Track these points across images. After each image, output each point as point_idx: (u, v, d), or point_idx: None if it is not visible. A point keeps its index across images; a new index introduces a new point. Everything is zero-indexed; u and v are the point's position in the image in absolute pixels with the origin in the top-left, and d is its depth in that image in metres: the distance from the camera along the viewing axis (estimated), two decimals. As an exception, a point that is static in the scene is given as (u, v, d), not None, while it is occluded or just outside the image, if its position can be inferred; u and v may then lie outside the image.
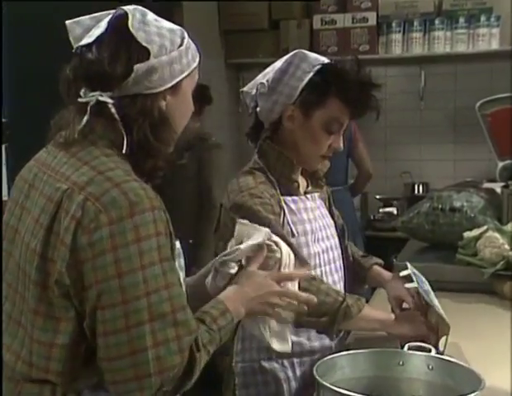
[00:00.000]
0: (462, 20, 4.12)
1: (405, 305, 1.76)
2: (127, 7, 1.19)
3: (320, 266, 1.73)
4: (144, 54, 1.15)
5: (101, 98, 1.13)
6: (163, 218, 1.11)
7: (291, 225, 1.68)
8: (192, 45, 1.26)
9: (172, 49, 1.19)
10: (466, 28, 4.12)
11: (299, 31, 4.34)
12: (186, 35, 1.24)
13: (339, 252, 1.83)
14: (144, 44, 1.15)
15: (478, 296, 2.15)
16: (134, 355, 1.05)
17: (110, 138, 1.16)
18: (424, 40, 4.21)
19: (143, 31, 1.16)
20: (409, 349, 1.39)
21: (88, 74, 1.15)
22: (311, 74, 1.66)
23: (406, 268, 1.76)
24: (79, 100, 1.15)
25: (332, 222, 1.85)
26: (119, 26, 1.17)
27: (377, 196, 4.47)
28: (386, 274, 1.90)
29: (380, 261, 1.97)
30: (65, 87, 1.18)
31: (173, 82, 1.19)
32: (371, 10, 4.27)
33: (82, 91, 1.15)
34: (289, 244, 1.40)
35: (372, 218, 4.38)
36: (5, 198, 2.25)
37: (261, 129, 1.76)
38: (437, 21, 4.16)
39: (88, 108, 1.14)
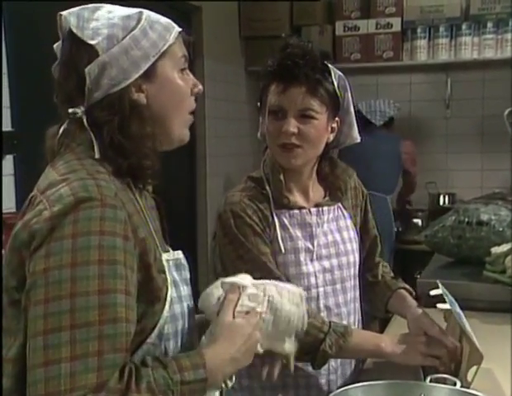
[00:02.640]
0: (490, 24, 4.03)
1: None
2: (69, 11, 1.09)
3: (317, 286, 1.61)
4: (92, 52, 1.05)
5: (74, 112, 1.06)
6: (118, 218, 0.99)
7: (280, 241, 1.58)
8: (160, 23, 1.11)
9: (124, 36, 1.06)
10: (495, 33, 4.03)
11: (321, 38, 4.27)
12: (144, 15, 1.10)
13: (353, 270, 1.71)
14: (89, 41, 1.05)
15: (507, 316, 2.03)
16: (46, 367, 0.91)
17: (86, 144, 1.08)
18: (451, 45, 4.13)
19: (89, 29, 1.06)
20: (431, 380, 1.28)
21: (59, 94, 1.09)
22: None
23: (434, 286, 1.64)
24: (62, 126, 1.10)
25: (353, 236, 1.72)
26: (67, 33, 1.08)
27: (401, 207, 4.35)
28: (411, 301, 1.75)
29: (409, 288, 1.82)
30: (60, 110, 1.12)
31: (141, 71, 1.07)
32: (395, 15, 4.19)
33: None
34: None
35: (396, 230, 4.26)
36: (11, 210, 2.18)
37: None
38: (464, 26, 4.07)
39: (65, 126, 1.09)
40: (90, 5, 1.11)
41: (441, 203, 4.30)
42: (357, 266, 1.73)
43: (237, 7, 4.37)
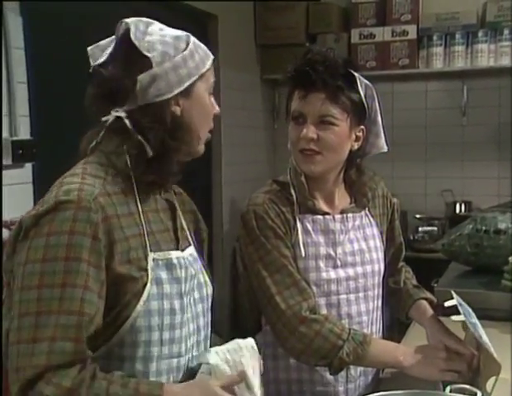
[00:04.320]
0: (506, 32, 3.99)
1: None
2: (130, 20, 1.20)
3: (338, 293, 1.61)
4: (147, 63, 1.17)
5: (116, 113, 1.17)
6: (90, 219, 1.10)
7: (301, 246, 1.58)
8: (202, 49, 1.27)
9: (176, 55, 1.20)
10: (511, 40, 3.99)
11: (336, 45, 4.25)
12: (192, 39, 1.25)
13: (377, 279, 1.70)
14: (145, 53, 1.17)
15: (526, 326, 2.01)
16: (18, 345, 1.06)
17: (123, 151, 1.19)
18: (467, 53, 4.10)
19: (145, 41, 1.19)
20: (451, 391, 1.27)
21: (103, 92, 1.19)
22: None
23: (450, 296, 1.62)
24: (103, 119, 1.19)
25: (379, 245, 1.71)
26: (123, 40, 1.19)
27: (417, 215, 4.33)
28: (431, 313, 1.74)
29: (432, 297, 1.81)
30: (89, 107, 1.21)
31: (183, 87, 1.20)
32: (411, 23, 4.18)
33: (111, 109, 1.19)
34: None
35: (411, 238, 4.23)
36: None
37: None
38: (480, 34, 4.04)
39: (107, 125, 1.19)
40: (144, 19, 1.24)
41: (457, 211, 4.26)
42: (382, 275, 1.72)
43: (253, 16, 4.38)
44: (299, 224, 1.59)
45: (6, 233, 2.26)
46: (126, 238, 1.16)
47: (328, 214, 1.64)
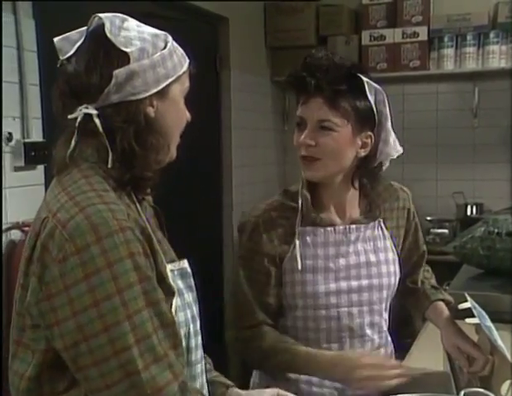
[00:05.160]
0: (518, 33, 3.96)
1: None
2: (104, 15, 1.14)
3: (338, 306, 1.58)
4: (124, 58, 1.10)
5: (85, 111, 1.09)
6: (137, 238, 1.05)
7: (298, 259, 1.56)
8: (179, 50, 1.20)
9: (154, 53, 1.13)
10: (523, 42, 3.96)
11: (347, 47, 4.25)
12: (170, 39, 1.18)
13: (386, 293, 1.65)
14: (122, 48, 1.10)
15: (539, 329, 1.99)
16: (128, 379, 1.01)
17: (95, 155, 1.11)
18: (478, 54, 4.08)
19: (121, 37, 1.12)
20: (466, 395, 1.26)
21: (71, 88, 1.12)
22: None
23: (462, 299, 1.62)
24: (69, 116, 1.11)
25: (391, 258, 1.65)
26: (96, 34, 1.13)
27: (428, 218, 4.31)
28: (447, 315, 1.72)
29: (449, 298, 1.79)
30: (56, 106, 1.14)
31: (159, 87, 1.14)
32: (422, 24, 4.16)
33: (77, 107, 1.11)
34: None
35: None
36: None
37: None
38: (491, 35, 4.02)
39: (77, 125, 1.10)
40: (119, 14, 1.16)
41: (468, 213, 4.24)
42: (392, 289, 1.68)
43: (263, 18, 4.37)
44: (297, 238, 1.57)
45: (18, 233, 2.27)
46: (158, 250, 1.12)
47: (332, 225, 1.60)
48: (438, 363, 1.79)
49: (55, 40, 1.16)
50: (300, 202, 1.59)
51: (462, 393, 1.27)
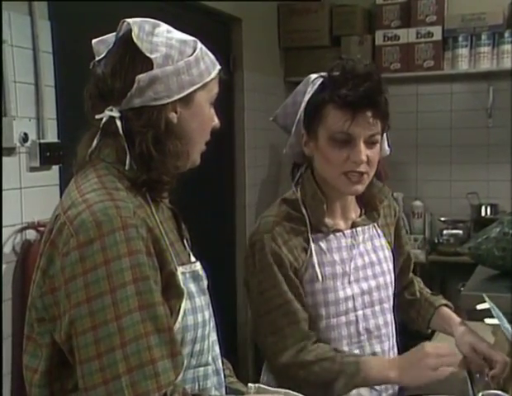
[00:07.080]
0: (533, 32, 3.93)
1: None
2: (134, 19, 1.16)
3: (355, 310, 1.56)
4: (148, 64, 1.12)
5: (109, 113, 1.12)
6: (140, 235, 1.04)
7: (317, 268, 1.52)
8: (209, 56, 1.21)
9: (179, 59, 1.14)
10: (538, 41, 3.93)
11: (361, 48, 4.24)
12: (199, 45, 1.19)
13: (391, 291, 1.65)
14: (147, 54, 1.12)
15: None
16: (107, 384, 0.98)
17: (113, 156, 1.13)
18: (493, 54, 4.06)
19: (148, 42, 1.13)
20: (482, 397, 1.25)
21: (99, 90, 1.14)
22: (311, 93, 1.55)
23: (478, 301, 1.60)
24: (96, 117, 1.14)
25: (388, 256, 1.67)
26: (124, 39, 1.15)
27: (442, 218, 4.29)
28: (457, 318, 1.71)
29: (450, 304, 1.79)
30: (87, 106, 1.17)
31: (183, 94, 1.14)
32: (436, 24, 4.14)
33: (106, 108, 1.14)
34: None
35: (436, 241, 4.20)
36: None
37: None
38: (506, 34, 4.00)
39: (101, 126, 1.13)
40: (151, 20, 1.18)
41: (483, 214, 4.21)
42: (394, 286, 1.68)
43: (277, 18, 4.38)
44: (313, 245, 1.54)
45: (33, 233, 2.29)
46: (165, 250, 1.11)
47: (339, 230, 1.58)
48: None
49: (93, 41, 1.19)
50: (305, 210, 1.55)
51: (480, 394, 1.26)
